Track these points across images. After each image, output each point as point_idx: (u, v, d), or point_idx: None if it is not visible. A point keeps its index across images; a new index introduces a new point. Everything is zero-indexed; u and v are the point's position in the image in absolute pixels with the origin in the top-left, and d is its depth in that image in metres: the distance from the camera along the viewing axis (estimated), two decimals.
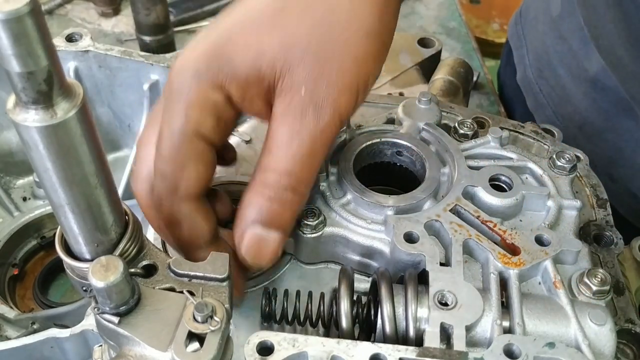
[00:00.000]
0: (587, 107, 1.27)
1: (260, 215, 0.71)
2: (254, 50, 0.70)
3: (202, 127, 0.70)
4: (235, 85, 0.70)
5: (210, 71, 0.69)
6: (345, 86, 0.71)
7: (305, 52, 0.70)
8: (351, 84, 0.72)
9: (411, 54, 1.45)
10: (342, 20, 0.72)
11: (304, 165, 0.71)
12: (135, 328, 0.61)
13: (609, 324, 0.72)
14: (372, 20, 0.73)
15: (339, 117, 0.72)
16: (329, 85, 0.70)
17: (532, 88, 1.42)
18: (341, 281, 0.75)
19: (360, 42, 0.72)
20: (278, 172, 0.70)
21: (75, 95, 0.52)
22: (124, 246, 0.66)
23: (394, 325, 0.70)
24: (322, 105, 0.70)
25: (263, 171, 0.71)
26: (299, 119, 0.70)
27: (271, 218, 0.71)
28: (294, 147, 0.70)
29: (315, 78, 0.70)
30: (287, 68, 0.70)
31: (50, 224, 1.15)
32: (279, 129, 0.71)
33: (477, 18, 3.20)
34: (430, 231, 0.79)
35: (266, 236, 0.71)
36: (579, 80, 1.28)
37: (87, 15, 1.74)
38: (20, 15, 0.45)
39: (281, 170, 0.70)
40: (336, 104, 0.71)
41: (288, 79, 0.70)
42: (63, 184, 0.56)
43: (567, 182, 0.87)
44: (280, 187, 0.70)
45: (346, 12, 0.72)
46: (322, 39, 0.71)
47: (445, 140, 0.89)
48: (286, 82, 0.70)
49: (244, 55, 0.70)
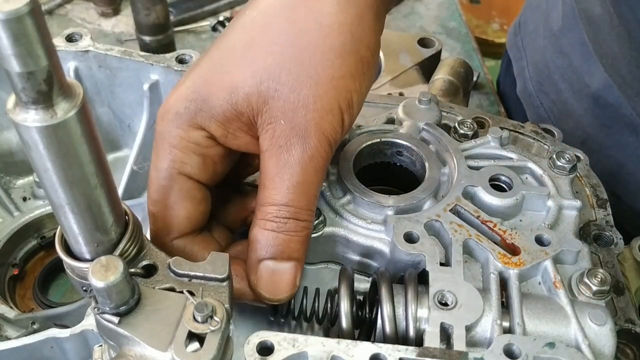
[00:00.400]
0: (589, 123, 1.27)
1: (269, 249, 0.72)
2: (227, 88, 0.71)
3: (187, 167, 0.73)
4: (214, 124, 0.72)
5: (188, 113, 0.72)
6: (325, 109, 0.71)
7: (277, 83, 0.71)
8: (331, 105, 0.72)
9: (411, 54, 1.45)
10: (311, 44, 0.72)
11: (299, 194, 0.72)
12: (135, 328, 0.61)
13: (609, 324, 0.72)
14: (343, 39, 0.73)
15: (326, 140, 0.72)
16: (309, 111, 0.71)
17: (532, 101, 1.42)
18: (341, 281, 0.75)
19: (333, 63, 0.72)
20: (276, 206, 0.71)
21: (75, 95, 0.52)
22: (124, 246, 0.66)
23: (394, 325, 0.70)
24: (306, 132, 0.71)
25: (262, 207, 0.72)
26: (285, 150, 0.71)
27: (281, 250, 0.72)
28: (286, 179, 0.71)
29: (293, 107, 0.71)
30: (263, 101, 0.71)
31: (50, 224, 1.15)
32: (268, 163, 0.72)
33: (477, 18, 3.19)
34: (430, 231, 0.79)
35: (280, 269, 0.73)
36: (580, 96, 1.27)
37: (87, 15, 1.74)
38: (20, 15, 0.45)
39: (278, 203, 0.71)
40: (320, 129, 0.71)
41: (266, 112, 0.71)
42: (63, 184, 0.56)
43: (567, 182, 0.87)
44: (281, 219, 0.72)
45: (315, 35, 0.72)
46: (293, 66, 0.71)
47: (445, 140, 0.89)
48: (265, 116, 0.71)
49: (218, 93, 0.72)
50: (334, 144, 0.74)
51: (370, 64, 0.76)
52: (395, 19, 1.77)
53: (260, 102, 0.71)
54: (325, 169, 0.74)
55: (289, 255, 0.73)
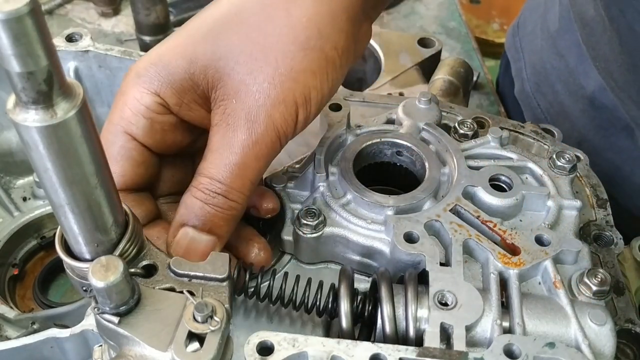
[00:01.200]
0: (585, 125, 1.27)
1: (193, 217, 0.73)
2: (188, 58, 0.73)
3: (133, 127, 0.74)
4: (170, 91, 0.74)
5: (147, 75, 0.74)
6: (278, 99, 0.72)
7: (236, 63, 0.72)
8: (285, 97, 0.72)
9: (411, 54, 1.45)
10: (276, 33, 0.72)
11: (234, 176, 0.72)
12: (135, 328, 0.61)
13: (609, 324, 0.72)
14: (309, 34, 0.73)
15: (274, 130, 0.72)
16: (261, 97, 0.71)
17: (529, 102, 1.42)
18: (341, 281, 0.75)
19: (294, 55, 0.72)
20: (209, 179, 0.72)
21: (75, 95, 0.52)
22: (124, 246, 0.66)
23: (394, 325, 0.70)
24: (255, 117, 0.71)
25: (198, 175, 0.73)
26: (231, 129, 0.72)
27: (203, 221, 0.73)
28: (224, 157, 0.72)
29: (247, 89, 0.71)
30: (219, 77, 0.72)
31: (50, 224, 1.15)
32: (213, 137, 0.73)
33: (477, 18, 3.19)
34: (430, 231, 0.79)
35: (197, 238, 0.73)
36: (576, 98, 1.28)
37: (87, 15, 1.74)
38: (20, 15, 0.45)
39: (212, 176, 0.72)
40: (270, 117, 0.71)
41: (220, 88, 0.72)
42: (63, 184, 0.56)
43: (567, 182, 0.87)
44: (211, 192, 0.72)
45: (282, 24, 0.73)
46: (255, 50, 0.72)
47: (445, 140, 0.89)
48: (219, 92, 0.72)
49: (178, 61, 0.73)
50: (283, 137, 0.74)
51: (336, 65, 0.75)
52: (395, 19, 1.77)
53: (217, 78, 0.72)
54: (268, 158, 0.74)
55: (210, 228, 0.73)
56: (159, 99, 0.74)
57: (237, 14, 0.74)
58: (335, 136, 0.90)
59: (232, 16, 0.75)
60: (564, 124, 1.30)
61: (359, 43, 0.80)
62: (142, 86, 0.74)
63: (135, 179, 0.77)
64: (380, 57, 1.44)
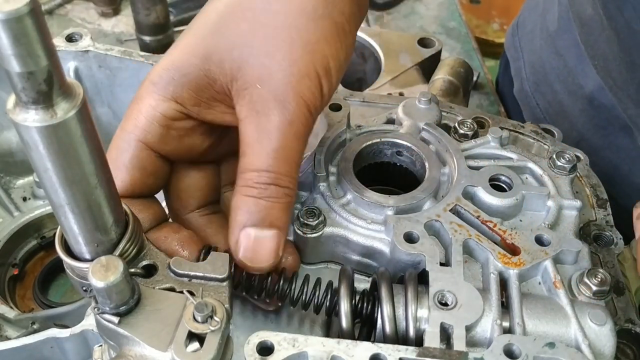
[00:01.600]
0: (584, 124, 1.27)
1: (251, 216, 0.70)
2: (200, 55, 0.72)
3: (148, 136, 0.73)
4: (186, 92, 0.72)
5: (162, 82, 0.72)
6: (301, 73, 0.70)
7: (251, 48, 0.70)
8: (308, 69, 0.71)
9: (411, 54, 1.45)
10: (283, 10, 0.71)
11: (279, 160, 0.70)
12: (135, 328, 0.61)
13: (609, 324, 0.72)
14: (315, 4, 0.72)
15: (305, 105, 0.70)
16: (285, 75, 0.70)
17: (529, 102, 1.42)
18: (341, 281, 0.75)
19: (306, 27, 0.71)
20: (256, 172, 0.70)
21: (75, 95, 0.52)
22: (124, 246, 0.66)
23: (394, 326, 0.70)
24: (284, 97, 0.70)
25: (242, 174, 0.71)
26: (263, 115, 0.70)
27: (262, 217, 0.70)
28: (265, 145, 0.70)
29: (269, 71, 0.70)
30: (237, 67, 0.71)
31: (50, 224, 1.15)
32: (247, 130, 0.71)
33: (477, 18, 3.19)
34: (430, 231, 0.79)
35: (261, 236, 0.70)
36: (575, 97, 1.28)
37: (87, 15, 1.74)
38: (20, 15, 0.45)
39: (258, 169, 0.70)
40: (298, 92, 0.70)
41: (241, 78, 0.71)
42: (63, 184, 0.56)
43: (567, 182, 0.87)
44: (262, 185, 0.70)
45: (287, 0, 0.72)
46: (267, 31, 0.71)
47: (445, 140, 0.89)
48: (240, 82, 0.71)
49: (191, 60, 0.72)
50: (314, 111, 0.72)
51: (346, 30, 0.74)
52: (395, 19, 1.77)
53: (235, 68, 0.71)
54: (306, 136, 0.72)
55: (270, 222, 0.71)
56: (175, 104, 0.73)
57: (239, 2, 0.73)
58: (335, 136, 0.90)
59: (235, 5, 0.73)
60: (562, 123, 1.30)
61: (361, 6, 0.79)
62: (157, 93, 0.73)
63: (143, 188, 0.76)
64: (380, 57, 1.44)
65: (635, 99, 1.10)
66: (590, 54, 1.18)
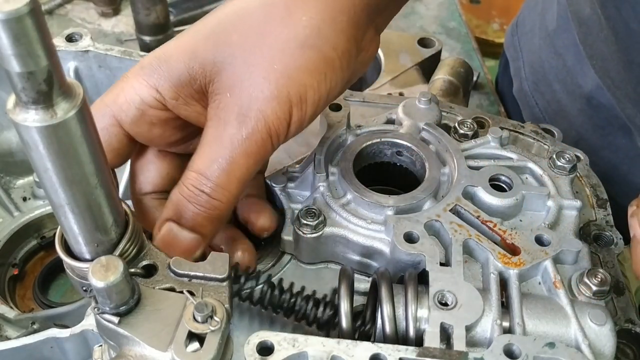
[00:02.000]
0: (583, 124, 1.27)
1: (176, 213, 0.73)
2: (188, 52, 0.74)
3: (122, 114, 0.75)
4: (168, 85, 0.74)
5: (149, 68, 0.75)
6: (272, 94, 0.71)
7: (233, 58, 0.72)
8: (280, 93, 0.71)
9: (411, 54, 1.45)
10: (275, 31, 0.72)
11: (221, 171, 0.71)
12: (135, 328, 0.61)
13: (609, 324, 0.72)
14: (308, 32, 0.73)
15: (265, 127, 0.71)
16: (254, 91, 0.71)
17: (528, 101, 1.42)
18: (341, 281, 0.75)
19: (292, 53, 0.72)
20: (196, 173, 0.72)
21: (75, 95, 0.52)
22: (124, 246, 0.66)
23: (394, 326, 0.70)
24: (246, 111, 0.71)
25: (187, 170, 0.73)
26: (222, 123, 0.71)
27: (186, 218, 0.72)
28: (213, 151, 0.71)
29: (241, 84, 0.71)
30: (217, 71, 0.72)
31: (50, 224, 1.15)
32: (206, 132, 0.73)
33: (477, 18, 3.19)
34: (430, 231, 0.79)
35: (180, 235, 0.72)
36: (573, 97, 1.28)
37: (87, 15, 1.73)
38: (20, 15, 0.45)
39: (199, 171, 0.71)
40: (261, 112, 0.71)
41: (217, 82, 0.72)
42: (63, 184, 0.56)
43: (567, 182, 0.87)
44: (196, 188, 0.72)
45: (280, 22, 0.73)
46: (253, 46, 0.72)
47: (445, 140, 0.89)
48: (215, 86, 0.72)
49: (179, 56, 0.74)
50: (275, 136, 0.72)
51: (335, 67, 0.75)
52: (395, 19, 1.76)
53: (214, 72, 0.73)
54: (258, 157, 0.73)
55: (192, 226, 0.73)
56: (155, 92, 0.74)
57: (239, 15, 0.75)
58: (335, 136, 0.90)
59: (234, 16, 0.75)
60: (561, 122, 1.30)
61: (364, 50, 0.80)
62: (142, 77, 0.75)
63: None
64: (380, 57, 1.44)
65: (633, 99, 1.10)
66: (589, 53, 1.18)
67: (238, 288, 0.75)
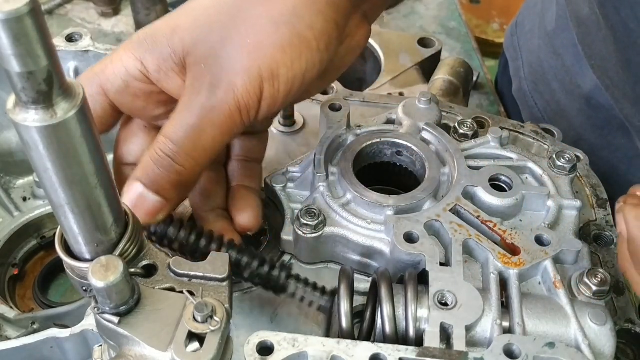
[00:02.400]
0: (582, 124, 1.27)
1: (143, 175, 0.74)
2: (171, 27, 0.76)
3: (108, 84, 0.78)
4: (151, 58, 0.76)
5: (137, 42, 0.77)
6: (243, 68, 0.73)
7: (210, 31, 0.75)
8: (251, 67, 0.73)
9: (411, 54, 1.45)
10: (251, 6, 0.75)
11: (186, 136, 0.73)
12: (135, 328, 0.61)
13: (609, 324, 0.72)
14: (282, 10, 0.74)
15: (234, 99, 0.73)
16: (226, 64, 0.73)
17: (527, 101, 1.42)
18: (341, 281, 0.75)
19: (265, 29, 0.74)
20: (164, 137, 0.74)
21: (75, 95, 0.52)
22: (124, 246, 0.66)
23: (394, 326, 0.70)
24: (217, 82, 0.73)
25: (158, 136, 0.75)
26: (194, 92, 0.74)
27: (151, 180, 0.74)
28: (183, 118, 0.74)
29: (215, 56, 0.74)
30: (193, 43, 0.75)
31: (50, 224, 1.15)
32: (180, 101, 0.75)
33: (477, 18, 3.19)
34: (430, 231, 0.79)
35: (146, 196, 0.74)
36: (573, 97, 1.28)
37: (87, 15, 1.73)
38: (20, 15, 0.45)
39: (166, 135, 0.74)
40: (232, 85, 0.73)
41: (193, 54, 0.75)
42: (63, 184, 0.56)
43: (567, 182, 0.87)
44: (163, 152, 0.73)
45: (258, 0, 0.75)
46: (229, 20, 0.75)
47: (445, 140, 0.89)
48: (192, 58, 0.75)
49: (164, 30, 0.77)
50: (244, 110, 0.74)
51: (312, 47, 0.75)
52: (395, 19, 1.77)
53: (192, 44, 0.75)
54: (225, 128, 0.74)
55: (157, 190, 0.74)
56: (140, 65, 0.77)
57: None
58: (335, 136, 0.90)
59: None
60: (561, 123, 1.30)
61: (349, 37, 0.80)
62: (130, 51, 0.77)
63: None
64: (380, 57, 1.44)
65: (632, 99, 1.10)
66: (588, 53, 1.18)
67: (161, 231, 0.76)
